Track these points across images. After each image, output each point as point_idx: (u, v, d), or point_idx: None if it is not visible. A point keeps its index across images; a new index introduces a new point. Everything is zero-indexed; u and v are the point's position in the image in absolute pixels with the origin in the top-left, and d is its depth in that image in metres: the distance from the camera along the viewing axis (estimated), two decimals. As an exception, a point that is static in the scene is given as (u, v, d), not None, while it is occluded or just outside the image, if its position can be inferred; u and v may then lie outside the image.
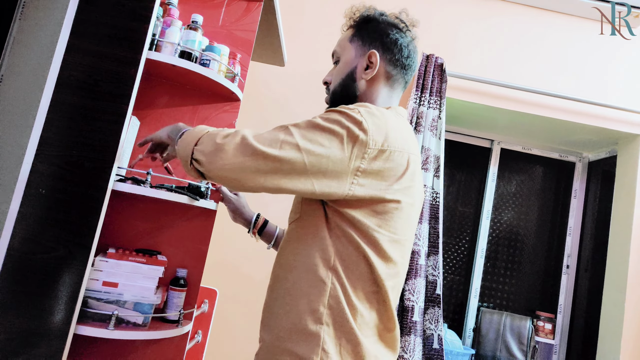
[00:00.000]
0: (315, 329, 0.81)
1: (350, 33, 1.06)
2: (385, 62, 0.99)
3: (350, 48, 1.02)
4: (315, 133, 0.82)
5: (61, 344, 0.94)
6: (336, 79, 1.01)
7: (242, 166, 0.80)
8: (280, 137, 0.82)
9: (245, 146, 0.80)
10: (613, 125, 2.14)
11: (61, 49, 0.99)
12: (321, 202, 0.88)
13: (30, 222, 0.95)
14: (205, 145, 0.83)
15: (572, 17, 2.22)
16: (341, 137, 0.81)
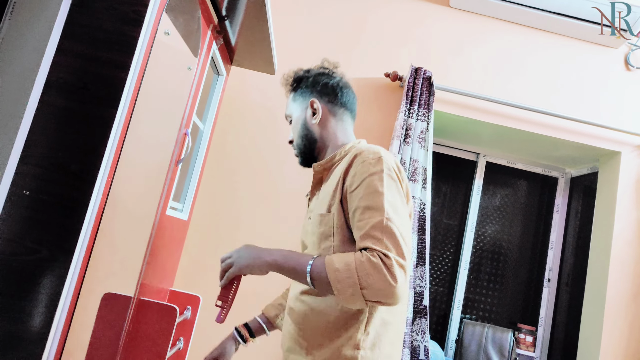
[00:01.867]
0: (353, 354, 0.96)
1: (292, 95, 1.23)
2: (326, 104, 1.17)
3: (295, 106, 1.21)
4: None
5: (40, 349, 0.92)
6: (295, 134, 1.20)
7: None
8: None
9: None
10: (595, 142, 2.20)
11: (51, 50, 0.99)
12: (352, 240, 1.00)
13: (13, 223, 0.94)
14: (372, 284, 0.88)
15: (558, 36, 2.28)
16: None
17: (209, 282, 1.94)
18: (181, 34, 1.27)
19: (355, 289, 0.88)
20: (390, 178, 0.98)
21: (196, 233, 1.95)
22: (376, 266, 0.88)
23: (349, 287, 0.89)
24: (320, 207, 1.07)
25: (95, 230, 1.00)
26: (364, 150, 1.03)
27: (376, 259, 0.88)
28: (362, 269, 0.88)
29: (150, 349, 1.31)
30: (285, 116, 1.24)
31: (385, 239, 0.91)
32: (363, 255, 0.90)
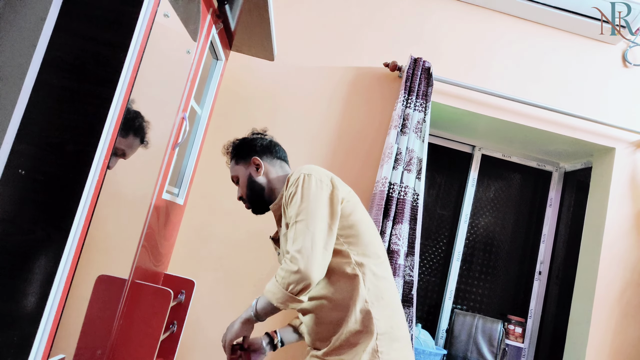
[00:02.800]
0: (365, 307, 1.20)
1: (234, 161, 1.45)
2: (264, 158, 1.42)
3: (239, 168, 1.43)
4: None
5: (33, 329, 0.92)
6: (243, 190, 1.42)
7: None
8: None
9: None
10: (589, 138, 2.21)
11: (48, 29, 0.97)
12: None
13: (8, 202, 0.93)
14: (290, 279, 1.13)
15: (557, 31, 2.28)
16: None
17: (203, 266, 1.95)
18: (180, 17, 1.25)
19: (282, 291, 1.13)
20: (309, 184, 1.21)
21: (192, 217, 1.96)
22: (283, 267, 1.14)
23: (278, 292, 1.14)
24: (283, 230, 1.28)
25: (90, 212, 0.99)
26: (293, 173, 1.27)
27: (285, 262, 1.14)
28: (278, 276, 1.15)
29: (144, 331, 1.31)
30: (232, 178, 1.45)
31: (297, 236, 1.15)
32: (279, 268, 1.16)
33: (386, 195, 1.93)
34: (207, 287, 1.92)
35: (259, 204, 1.41)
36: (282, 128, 2.05)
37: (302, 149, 2.07)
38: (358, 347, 1.15)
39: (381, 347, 1.16)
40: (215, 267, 1.96)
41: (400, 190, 1.95)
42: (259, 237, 1.99)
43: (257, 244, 1.99)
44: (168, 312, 1.34)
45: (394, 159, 1.96)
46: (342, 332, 1.17)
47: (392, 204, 1.93)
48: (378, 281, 1.22)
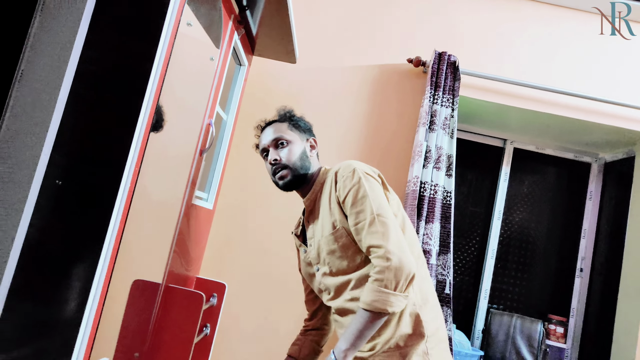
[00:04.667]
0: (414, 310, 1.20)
1: (291, 125, 1.37)
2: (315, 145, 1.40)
3: (295, 136, 1.35)
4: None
5: (74, 334, 0.96)
6: (294, 156, 1.31)
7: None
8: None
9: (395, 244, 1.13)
10: (630, 125, 2.10)
11: (79, 44, 1.01)
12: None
13: (47, 212, 0.97)
14: (396, 277, 1.09)
15: (589, 14, 2.18)
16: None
17: (234, 269, 1.97)
18: (203, 25, 1.28)
19: (388, 294, 1.08)
20: (368, 180, 1.19)
21: (221, 222, 1.98)
22: (380, 270, 1.09)
23: (385, 296, 1.08)
24: (324, 230, 1.24)
25: (124, 219, 1.02)
26: (339, 168, 1.24)
27: (379, 263, 1.10)
28: (377, 283, 1.09)
29: (178, 335, 1.34)
30: (275, 139, 1.33)
31: (384, 231, 1.12)
32: (372, 275, 1.11)
33: (418, 194, 1.90)
34: (238, 290, 1.95)
35: (298, 180, 1.31)
36: (308, 130, 2.06)
37: (330, 151, 2.06)
38: (409, 349, 1.14)
39: (430, 350, 1.15)
40: (245, 269, 1.98)
41: (431, 189, 1.91)
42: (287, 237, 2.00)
43: (286, 246, 2.00)
44: (201, 315, 1.36)
45: (423, 157, 1.93)
46: (391, 336, 1.15)
47: (424, 203, 1.90)
48: (422, 283, 1.22)
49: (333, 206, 1.22)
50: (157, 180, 1.18)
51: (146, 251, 1.25)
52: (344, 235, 1.19)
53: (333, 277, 1.23)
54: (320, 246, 1.25)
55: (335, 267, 1.22)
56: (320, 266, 1.27)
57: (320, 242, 1.25)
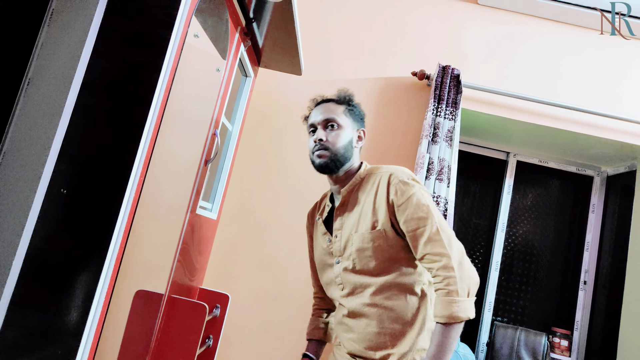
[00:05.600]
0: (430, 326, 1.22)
1: (347, 110, 1.33)
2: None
3: (348, 121, 1.31)
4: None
5: (75, 343, 0.95)
6: (340, 141, 1.28)
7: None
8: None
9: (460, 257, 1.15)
10: (632, 140, 2.11)
11: (87, 53, 1.02)
12: (405, 247, 1.22)
13: (51, 220, 0.97)
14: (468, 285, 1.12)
15: (591, 30, 2.20)
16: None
17: (237, 280, 1.96)
18: (210, 36, 1.29)
19: (466, 301, 1.09)
20: (426, 191, 1.21)
21: (225, 232, 1.98)
22: (453, 280, 1.09)
23: (462, 303, 1.08)
24: (360, 226, 1.22)
25: (128, 229, 1.02)
26: (394, 172, 1.22)
27: (448, 274, 1.10)
28: (453, 294, 1.09)
29: (181, 345, 1.33)
30: (327, 119, 1.29)
31: (444, 239, 1.13)
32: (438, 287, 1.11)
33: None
34: (241, 301, 1.94)
35: (335, 165, 1.27)
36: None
37: (332, 161, 2.07)
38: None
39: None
40: (249, 281, 1.97)
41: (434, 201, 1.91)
42: (292, 249, 2.00)
43: (290, 256, 1.99)
44: (204, 326, 1.35)
45: (426, 169, 1.93)
46: (409, 349, 1.15)
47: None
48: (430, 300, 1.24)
49: (379, 207, 1.20)
50: (161, 190, 1.19)
51: (150, 261, 1.24)
52: (382, 237, 1.18)
53: (354, 275, 1.21)
54: (350, 241, 1.23)
55: (360, 265, 1.20)
56: (343, 260, 1.25)
57: (351, 237, 1.23)
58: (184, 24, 1.07)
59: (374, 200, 1.22)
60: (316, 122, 1.30)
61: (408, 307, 1.18)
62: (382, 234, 1.19)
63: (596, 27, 2.19)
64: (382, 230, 1.19)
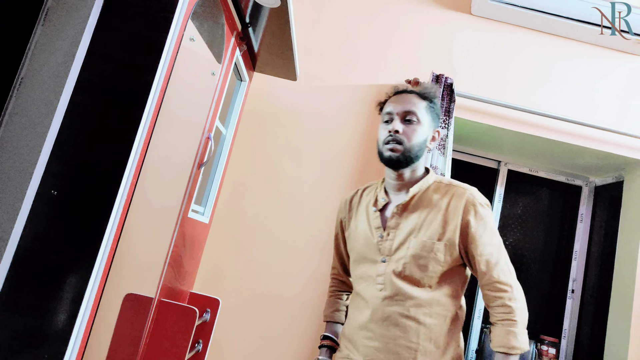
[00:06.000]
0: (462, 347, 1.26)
1: (429, 106, 1.27)
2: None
3: (427, 118, 1.26)
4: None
5: (63, 346, 0.94)
6: (417, 137, 1.23)
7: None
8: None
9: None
10: (619, 151, 2.14)
11: (81, 54, 1.02)
12: (461, 266, 1.25)
13: (41, 222, 0.96)
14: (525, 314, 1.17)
15: (582, 44, 2.24)
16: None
17: (228, 285, 1.95)
18: (206, 40, 1.29)
19: (525, 331, 1.14)
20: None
21: (217, 236, 1.97)
22: (515, 308, 1.14)
23: (526, 334, 1.13)
24: (420, 233, 1.19)
25: (119, 231, 1.01)
26: (473, 192, 1.24)
27: (510, 300, 1.15)
28: (518, 325, 1.13)
29: (170, 350, 1.32)
30: (408, 111, 1.24)
31: (512, 270, 1.18)
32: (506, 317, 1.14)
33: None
34: (232, 305, 1.92)
35: (407, 161, 1.22)
36: (306, 147, 2.07)
37: (326, 168, 2.07)
38: None
39: None
40: (240, 285, 1.96)
41: (425, 207, 1.92)
42: (283, 254, 1.99)
43: (282, 261, 1.98)
44: (193, 330, 1.34)
45: (417, 176, 1.94)
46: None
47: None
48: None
49: (450, 221, 1.18)
50: (154, 193, 1.18)
51: (140, 264, 1.23)
52: (443, 251, 1.16)
53: (400, 280, 1.17)
54: (406, 244, 1.19)
55: (409, 272, 1.17)
56: (391, 261, 1.20)
57: (408, 241, 1.19)
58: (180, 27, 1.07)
59: (445, 213, 1.19)
60: (394, 111, 1.24)
61: (445, 329, 1.17)
62: (445, 248, 1.17)
63: (588, 41, 2.22)
64: (447, 245, 1.17)
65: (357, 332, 1.21)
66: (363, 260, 1.25)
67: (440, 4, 2.24)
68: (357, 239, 1.29)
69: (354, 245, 1.30)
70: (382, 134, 1.25)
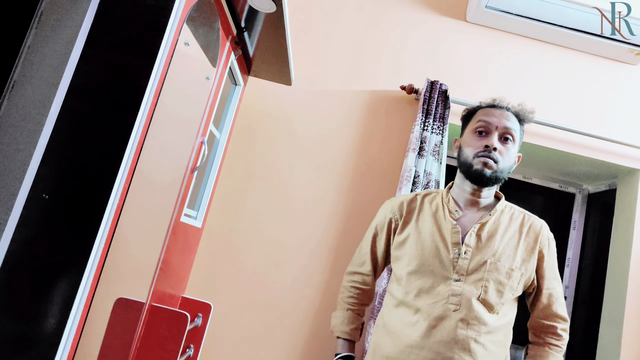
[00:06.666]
0: None
1: (519, 126, 1.24)
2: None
3: (518, 140, 1.23)
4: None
5: (52, 351, 0.93)
6: (508, 161, 1.21)
7: None
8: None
9: None
10: (612, 159, 2.16)
11: (75, 57, 1.01)
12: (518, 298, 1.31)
13: (32, 226, 0.96)
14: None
15: (575, 52, 2.26)
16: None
17: (220, 290, 1.94)
18: (201, 44, 1.29)
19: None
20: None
21: (209, 241, 1.96)
22: (562, 343, 1.25)
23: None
24: (501, 257, 1.18)
25: (110, 235, 1.01)
26: (545, 224, 1.28)
27: (561, 334, 1.25)
28: (565, 346, 1.25)
29: (161, 355, 1.31)
30: (508, 130, 1.20)
31: (565, 308, 1.26)
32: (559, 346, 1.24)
33: (404, 218, 1.91)
34: (224, 310, 1.92)
35: (495, 180, 1.20)
36: (300, 152, 2.07)
37: (320, 173, 2.07)
38: None
39: None
40: (232, 290, 1.96)
41: (418, 213, 1.92)
42: (276, 260, 1.99)
43: (274, 267, 1.98)
44: (185, 335, 1.33)
45: (412, 182, 1.95)
46: None
47: (410, 227, 1.90)
48: None
49: (528, 251, 1.21)
50: (146, 197, 1.18)
51: (132, 268, 1.23)
52: (518, 280, 1.18)
53: (477, 303, 1.13)
54: (486, 266, 1.15)
55: (488, 296, 1.14)
56: (466, 281, 1.14)
57: (490, 264, 1.15)
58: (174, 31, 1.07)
59: (520, 240, 1.21)
60: (494, 125, 1.19)
61: (503, 357, 1.19)
62: (521, 277, 1.18)
63: (582, 49, 2.24)
64: (523, 274, 1.19)
65: (411, 351, 1.12)
66: (428, 274, 1.17)
67: (435, 11, 2.25)
68: (421, 248, 1.20)
69: (415, 254, 1.20)
70: (474, 144, 1.20)
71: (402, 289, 1.20)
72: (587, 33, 2.14)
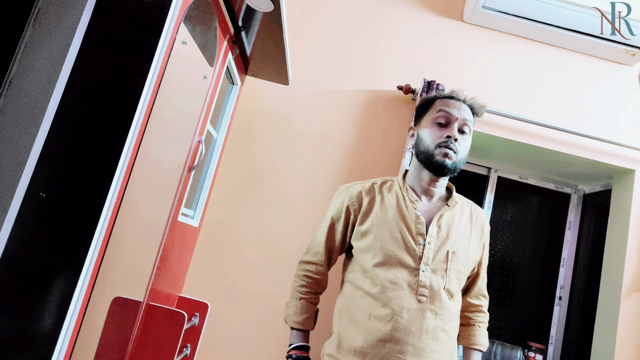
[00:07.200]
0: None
1: (473, 118, 1.27)
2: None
3: (472, 132, 1.26)
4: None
5: (50, 350, 0.93)
6: (464, 150, 1.23)
7: None
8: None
9: None
10: (608, 160, 2.17)
11: (72, 56, 1.01)
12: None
13: (29, 225, 0.96)
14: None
15: (572, 52, 2.27)
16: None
17: (217, 289, 1.94)
18: (198, 43, 1.29)
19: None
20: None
21: (206, 240, 1.96)
22: (485, 317, 1.34)
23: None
24: (459, 247, 1.21)
25: (108, 234, 1.01)
26: (483, 210, 1.38)
27: (484, 309, 1.35)
28: (484, 326, 1.34)
29: (157, 354, 1.31)
30: (466, 122, 1.22)
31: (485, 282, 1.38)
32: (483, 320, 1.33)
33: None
34: (220, 310, 1.92)
35: (453, 170, 1.23)
36: (297, 151, 2.07)
37: (317, 172, 2.07)
38: None
39: None
40: (229, 289, 1.96)
41: (415, 213, 1.93)
42: (273, 259, 1.99)
43: (271, 266, 1.98)
44: (182, 335, 1.33)
45: (408, 181, 1.96)
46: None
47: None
48: None
49: (478, 239, 1.29)
50: (143, 196, 1.17)
51: (129, 267, 1.22)
52: (470, 268, 1.25)
53: (444, 292, 1.16)
54: (448, 256, 1.17)
55: (451, 285, 1.17)
56: (431, 272, 1.14)
57: (451, 254, 1.17)
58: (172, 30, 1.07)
59: (471, 230, 1.27)
60: (455, 116, 1.20)
61: (455, 340, 1.22)
62: (472, 264, 1.25)
63: (580, 50, 2.26)
64: (474, 261, 1.26)
65: (384, 345, 1.09)
66: (396, 265, 1.14)
67: (432, 11, 2.26)
68: (387, 239, 1.17)
69: (380, 246, 1.17)
70: (435, 134, 1.20)
71: (369, 281, 1.16)
72: (584, 34, 2.16)
